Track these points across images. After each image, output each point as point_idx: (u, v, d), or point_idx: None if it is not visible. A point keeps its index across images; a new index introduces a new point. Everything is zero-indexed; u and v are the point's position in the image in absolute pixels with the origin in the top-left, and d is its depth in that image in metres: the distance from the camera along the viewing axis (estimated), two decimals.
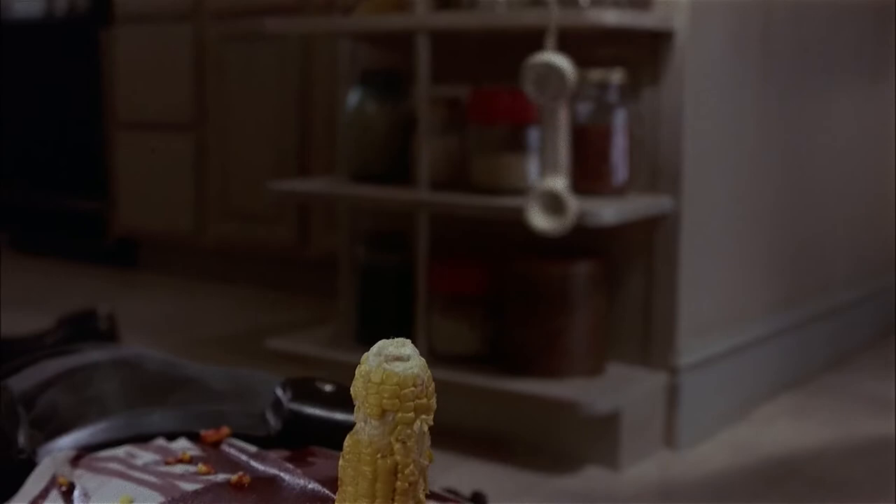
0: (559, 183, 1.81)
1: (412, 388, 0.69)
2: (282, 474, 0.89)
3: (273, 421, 1.08)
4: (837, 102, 2.60)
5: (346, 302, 2.36)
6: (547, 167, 1.84)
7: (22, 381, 1.19)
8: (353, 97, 2.24)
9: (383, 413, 0.70)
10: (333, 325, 2.40)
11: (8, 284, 3.54)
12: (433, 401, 0.71)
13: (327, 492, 0.83)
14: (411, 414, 0.70)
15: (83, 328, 2.15)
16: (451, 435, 1.95)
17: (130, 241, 3.85)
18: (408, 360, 0.71)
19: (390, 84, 2.23)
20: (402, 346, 0.71)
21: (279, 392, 1.09)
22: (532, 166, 2.01)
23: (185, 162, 3.57)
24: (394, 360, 0.70)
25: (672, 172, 2.00)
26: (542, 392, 1.92)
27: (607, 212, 1.86)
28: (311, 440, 1.04)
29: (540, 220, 1.81)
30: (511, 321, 2.02)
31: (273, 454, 0.96)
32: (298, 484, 0.87)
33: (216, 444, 1.02)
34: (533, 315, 1.99)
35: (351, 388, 0.71)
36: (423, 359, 0.71)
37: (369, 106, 2.22)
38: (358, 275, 2.25)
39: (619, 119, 1.98)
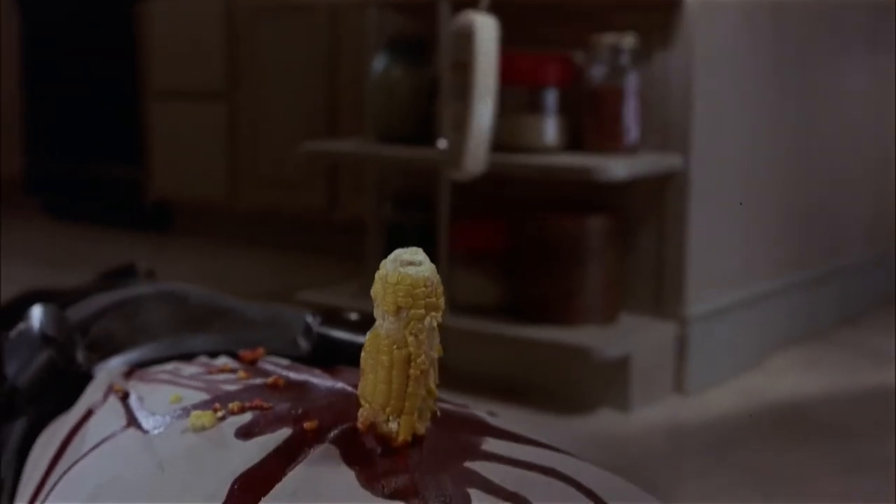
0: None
1: (423, 289, 0.81)
2: (312, 378, 1.00)
3: (303, 344, 1.20)
4: (848, 68, 2.69)
5: (374, 259, 2.48)
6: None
7: (78, 312, 1.31)
8: (380, 63, 2.36)
9: (398, 310, 0.81)
10: (361, 280, 2.52)
11: (48, 249, 3.69)
12: (441, 301, 0.82)
13: (352, 389, 0.94)
14: (422, 311, 0.81)
15: (123, 282, 2.27)
16: (471, 380, 2.07)
17: (165, 207, 3.98)
18: (420, 265, 0.82)
19: (415, 50, 2.34)
20: (415, 254, 0.82)
21: (309, 319, 1.21)
22: (549, 126, 2.11)
23: (217, 130, 3.69)
24: (408, 265, 0.81)
25: (681, 133, 2.10)
26: (558, 339, 2.04)
27: (618, 168, 1.98)
28: (338, 361, 1.15)
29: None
30: (529, 274, 2.14)
31: (304, 367, 1.08)
32: (326, 384, 0.98)
33: (253, 362, 1.14)
34: (550, 268, 2.10)
35: (371, 290, 0.83)
36: (433, 265, 0.82)
37: (395, 71, 2.33)
38: (384, 233, 2.36)
39: (631, 82, 2.08)
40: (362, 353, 0.84)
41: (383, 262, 0.82)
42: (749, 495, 1.70)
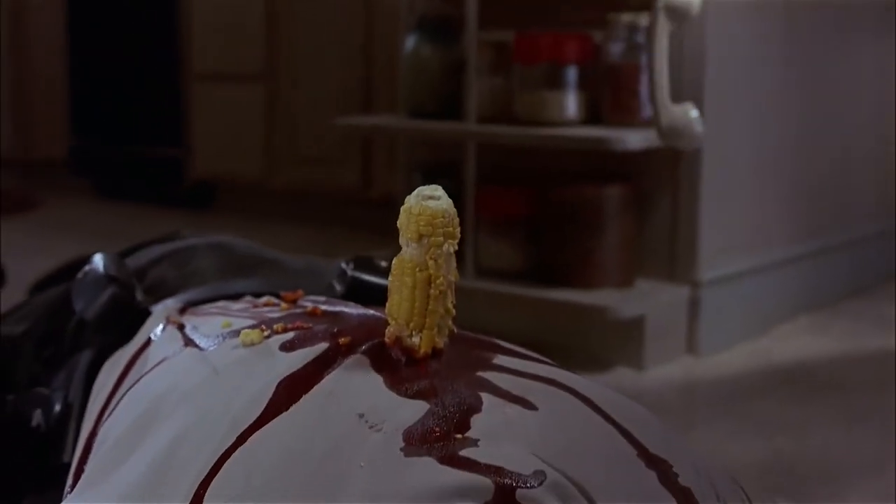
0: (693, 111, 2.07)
1: (442, 219, 0.94)
2: (346, 309, 1.14)
3: (338, 287, 1.34)
4: (859, 44, 2.79)
5: None
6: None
7: (135, 260, 1.45)
8: (411, 42, 2.49)
9: (420, 237, 0.94)
10: (393, 254, 2.64)
11: (95, 226, 3.84)
12: (457, 230, 0.95)
13: (380, 314, 1.08)
14: (441, 238, 0.94)
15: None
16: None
17: (206, 186, 4.13)
18: (439, 199, 0.95)
19: (444, 30, 2.47)
20: (435, 190, 0.96)
21: (343, 265, 1.35)
22: (569, 101, 2.24)
23: (256, 110, 3.84)
24: (428, 199, 0.95)
25: (695, 104, 2.22)
26: (577, 300, 2.17)
27: (634, 140, 2.11)
28: (369, 302, 1.29)
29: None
30: (550, 240, 2.27)
31: (339, 301, 1.22)
32: (359, 311, 1.12)
33: (293, 302, 1.27)
34: (570, 234, 2.23)
35: (397, 222, 0.96)
36: (450, 200, 0.96)
37: (424, 50, 2.46)
38: None
39: (647, 58, 2.20)
40: (389, 277, 0.98)
41: (407, 197, 0.96)
42: (753, 440, 1.82)
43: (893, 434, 1.86)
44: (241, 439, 0.85)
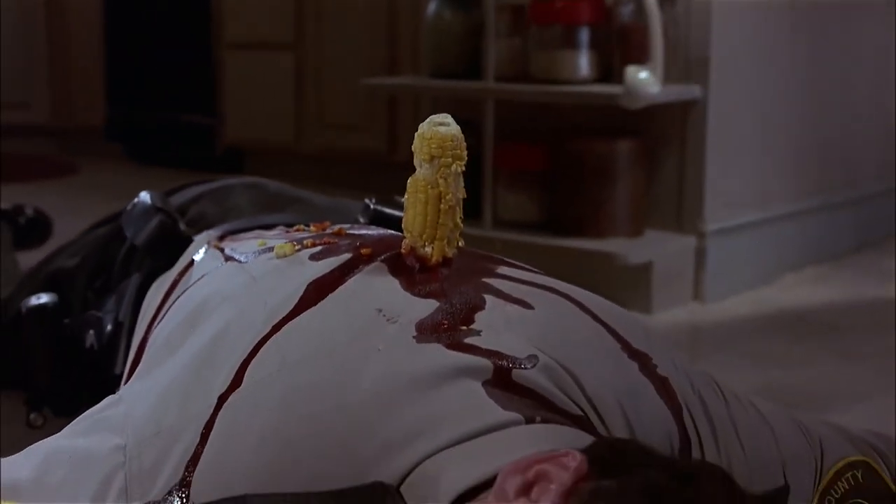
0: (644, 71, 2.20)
1: (451, 142, 1.07)
2: (368, 230, 1.28)
3: (362, 220, 1.48)
4: (865, 4, 2.89)
5: None
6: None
7: (178, 198, 1.60)
8: (433, 7, 2.62)
9: (432, 158, 1.08)
10: None
11: (129, 190, 3.98)
12: (464, 153, 1.09)
13: (398, 234, 1.21)
14: (450, 159, 1.07)
15: None
16: None
17: (237, 151, 4.27)
18: (449, 126, 1.08)
19: None
20: (445, 118, 1.09)
21: (367, 200, 1.49)
22: (582, 60, 2.37)
23: (285, 77, 3.97)
24: (439, 125, 1.08)
25: (701, 66, 2.35)
26: (588, 248, 2.30)
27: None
28: None
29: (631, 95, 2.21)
30: (564, 192, 2.40)
31: (363, 226, 1.36)
32: (380, 232, 1.26)
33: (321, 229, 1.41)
34: (582, 186, 2.36)
35: (412, 146, 1.09)
36: (458, 126, 1.09)
37: (446, 13, 2.59)
38: None
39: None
40: (405, 195, 1.11)
41: (421, 124, 1.09)
42: (748, 372, 1.95)
43: (882, 370, 1.99)
44: (276, 328, 0.99)
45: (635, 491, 0.78)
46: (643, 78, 2.18)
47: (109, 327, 1.45)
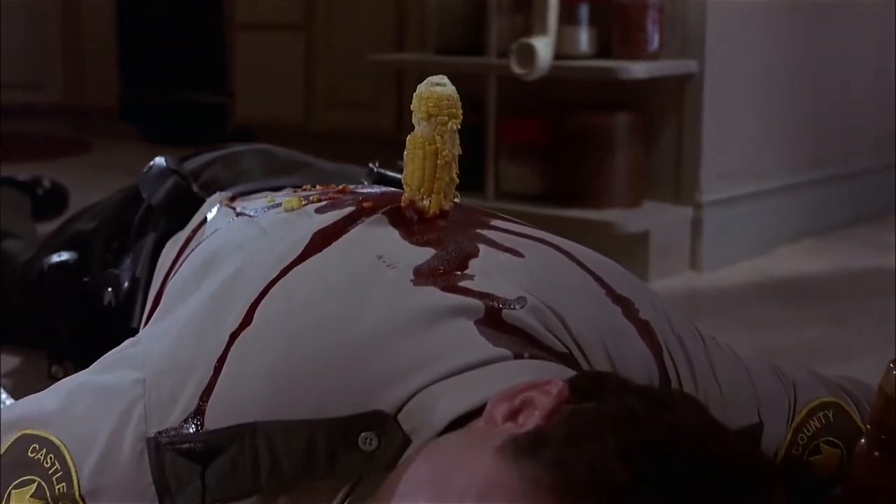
0: (539, 39, 2.25)
1: (447, 101, 1.15)
2: (371, 189, 1.35)
3: (366, 181, 1.55)
4: None
5: None
6: (537, 26, 2.28)
7: (190, 164, 1.67)
8: None
9: (429, 117, 1.15)
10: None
11: (141, 167, 4.06)
12: (460, 112, 1.16)
13: (400, 191, 1.29)
14: (446, 118, 1.15)
15: None
16: None
17: (248, 130, 4.34)
18: (445, 86, 1.16)
19: None
20: (441, 79, 1.16)
21: (371, 165, 1.57)
22: (582, 36, 2.44)
23: (295, 57, 4.05)
24: (436, 85, 1.16)
25: (697, 41, 2.42)
26: (587, 218, 2.37)
27: (638, 69, 2.31)
28: None
29: (515, 66, 2.26)
30: (564, 164, 2.48)
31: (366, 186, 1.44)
32: (381, 189, 1.34)
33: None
34: (582, 159, 2.44)
35: (411, 105, 1.17)
36: (454, 87, 1.16)
37: None
38: None
39: None
40: (404, 151, 1.19)
41: (419, 85, 1.17)
42: (741, 334, 2.02)
43: (871, 333, 2.06)
44: (284, 272, 1.07)
45: (613, 412, 0.85)
46: (543, 51, 2.25)
47: (126, 284, 1.53)
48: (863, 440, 1.10)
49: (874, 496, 1.07)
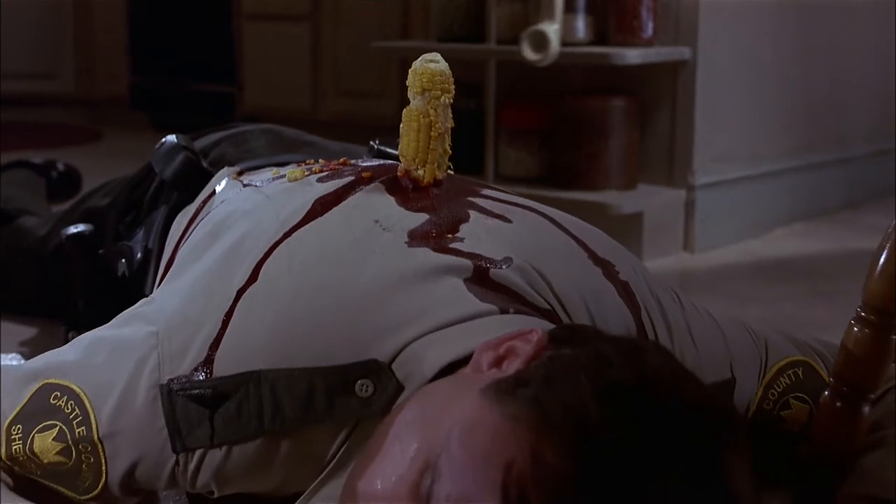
0: (548, 26, 2.33)
1: (440, 77, 1.23)
2: (369, 161, 1.43)
3: (367, 156, 1.63)
4: None
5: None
6: (543, 13, 2.36)
7: (200, 143, 1.75)
8: None
9: (423, 91, 1.23)
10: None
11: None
12: (452, 87, 1.24)
13: (397, 163, 1.37)
14: (439, 92, 1.23)
15: None
16: None
17: (256, 119, 4.42)
18: (438, 62, 1.24)
19: None
20: (435, 56, 1.24)
21: (372, 142, 1.65)
22: (579, 23, 2.52)
23: (302, 47, 4.13)
24: (429, 62, 1.24)
25: (690, 29, 2.50)
26: (584, 199, 2.45)
27: (632, 55, 2.39)
28: None
29: (528, 52, 2.34)
30: (562, 147, 2.56)
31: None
32: (379, 161, 1.42)
33: None
34: (579, 142, 2.52)
35: (406, 81, 1.25)
36: (447, 63, 1.24)
37: None
38: None
39: None
40: (400, 128, 1.27)
41: (414, 62, 1.25)
42: (727, 308, 2.09)
43: (854, 307, 2.12)
44: (287, 235, 1.15)
45: (588, 357, 0.93)
46: (550, 36, 2.33)
47: (139, 255, 1.61)
48: (826, 392, 1.17)
49: (835, 444, 1.15)
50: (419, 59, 1.24)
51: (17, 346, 1.83)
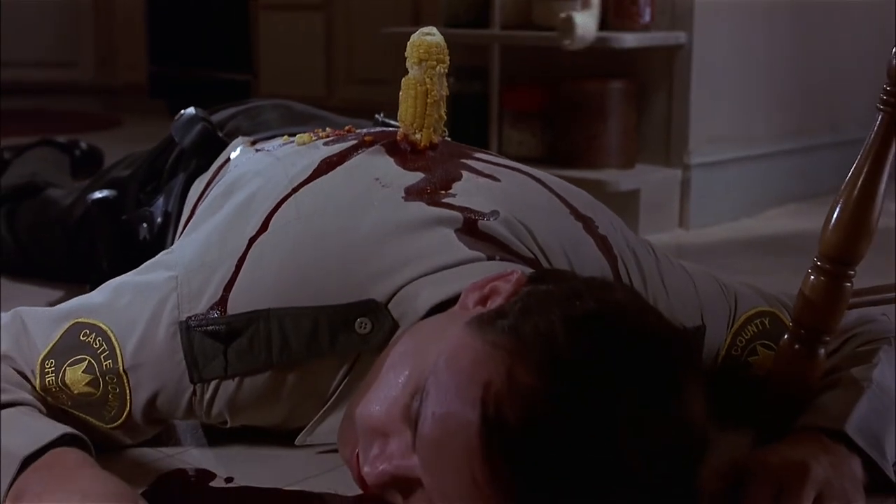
0: (578, 15, 2.44)
1: (436, 48, 1.34)
2: (372, 129, 1.55)
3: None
4: None
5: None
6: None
7: (215, 117, 1.87)
8: None
9: (420, 62, 1.34)
10: None
11: None
12: (447, 58, 1.35)
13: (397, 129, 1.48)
14: (435, 62, 1.34)
15: None
16: None
17: None
18: (434, 35, 1.35)
19: None
20: (431, 29, 1.36)
21: (376, 115, 1.77)
22: (579, 9, 2.62)
23: (316, 36, 4.25)
24: (426, 35, 1.35)
25: (686, 14, 2.60)
26: (583, 177, 2.56)
27: (631, 39, 2.50)
28: None
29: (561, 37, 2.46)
30: (562, 128, 2.67)
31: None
32: (380, 128, 1.53)
33: None
34: (579, 123, 2.63)
35: (405, 52, 1.36)
36: (442, 36, 1.35)
37: None
38: (449, 100, 2.90)
39: None
40: (400, 93, 1.38)
41: (412, 35, 1.36)
42: None
43: None
44: (295, 190, 1.27)
45: (561, 291, 1.04)
46: (582, 23, 2.43)
47: (159, 219, 1.73)
48: (786, 336, 1.28)
49: (792, 383, 1.26)
50: (416, 32, 1.36)
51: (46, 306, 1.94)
